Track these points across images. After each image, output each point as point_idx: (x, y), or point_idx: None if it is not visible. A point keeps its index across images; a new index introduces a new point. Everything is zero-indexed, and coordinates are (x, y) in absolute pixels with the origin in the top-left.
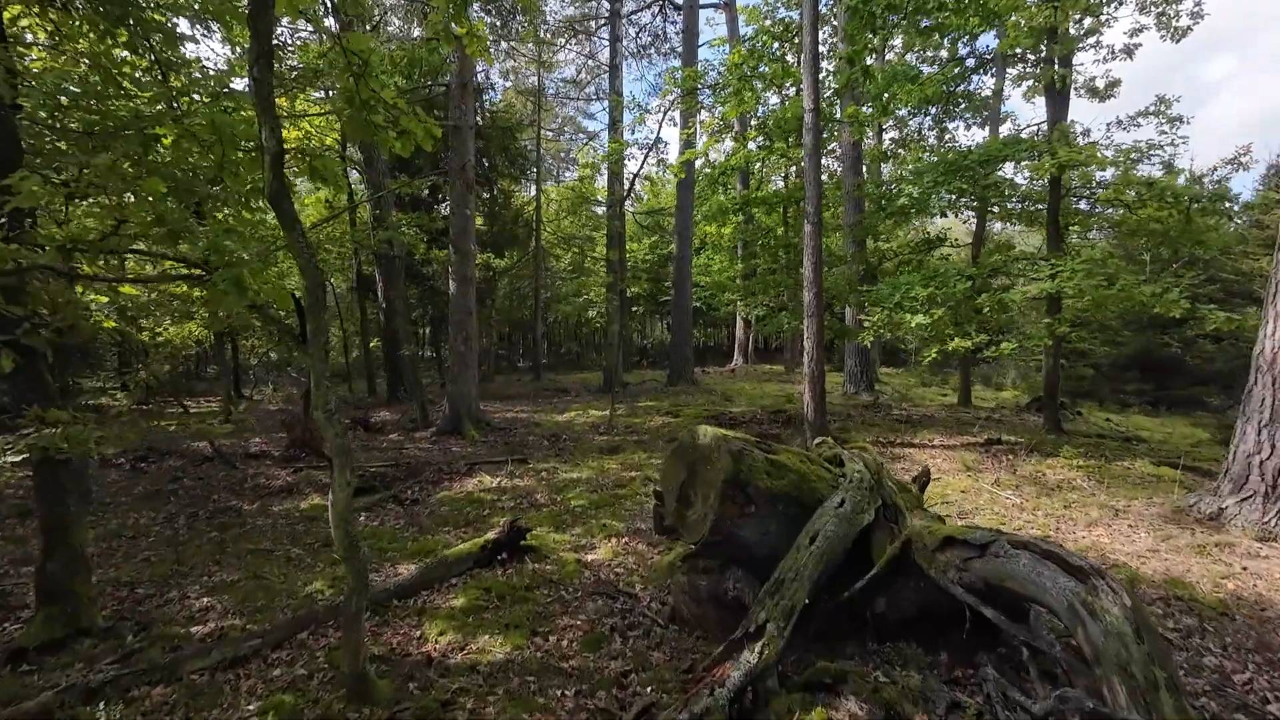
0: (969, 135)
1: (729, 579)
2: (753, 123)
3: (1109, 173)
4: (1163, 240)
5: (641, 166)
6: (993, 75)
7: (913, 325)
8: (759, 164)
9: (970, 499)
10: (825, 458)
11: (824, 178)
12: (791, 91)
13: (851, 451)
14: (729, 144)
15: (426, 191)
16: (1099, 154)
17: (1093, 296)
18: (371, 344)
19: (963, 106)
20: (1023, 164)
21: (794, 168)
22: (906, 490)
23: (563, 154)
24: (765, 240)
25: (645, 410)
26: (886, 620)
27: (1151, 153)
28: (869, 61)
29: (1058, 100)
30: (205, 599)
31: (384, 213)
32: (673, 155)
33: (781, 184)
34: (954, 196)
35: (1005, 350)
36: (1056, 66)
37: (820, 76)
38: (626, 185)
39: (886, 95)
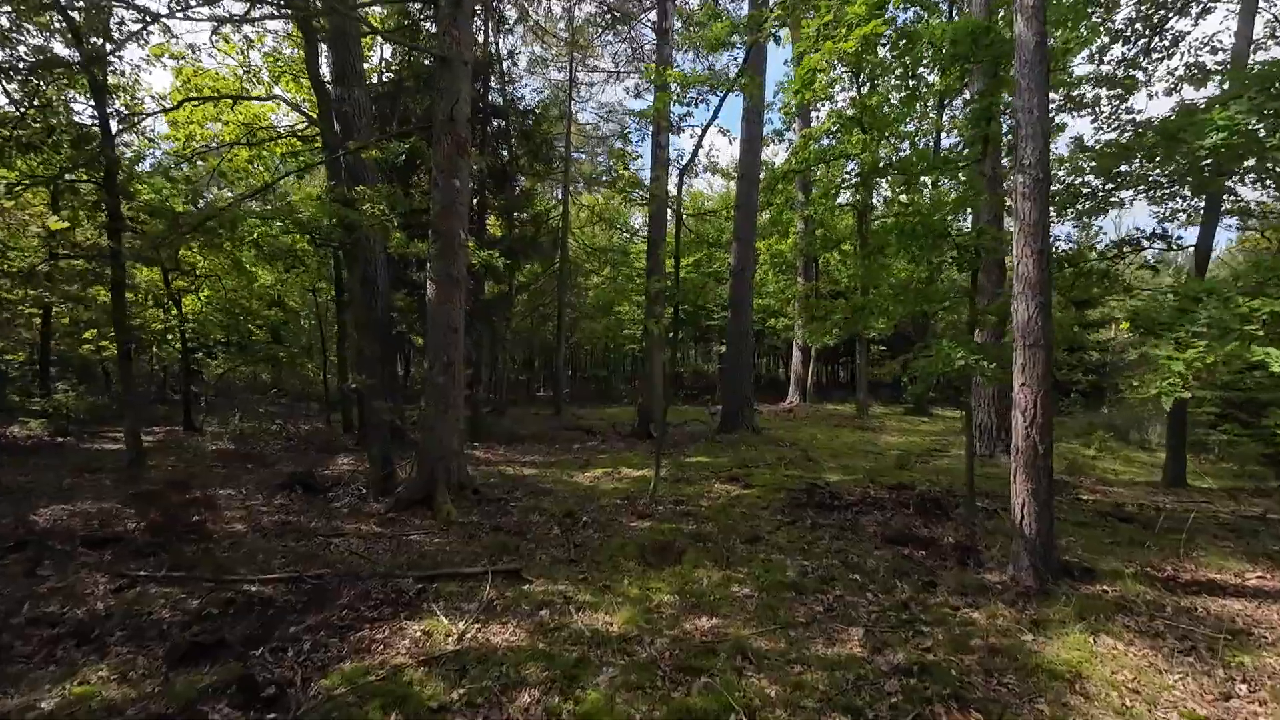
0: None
1: None
2: (820, 111)
3: None
4: None
5: (714, 118)
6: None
7: (1276, 367)
8: (824, 164)
9: None
10: None
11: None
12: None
13: None
14: (789, 139)
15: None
16: None
17: None
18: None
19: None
20: None
21: (855, 170)
22: None
23: (595, 174)
24: (912, 225)
25: (696, 470)
26: None
27: None
28: None
29: None
30: None
31: (338, 186)
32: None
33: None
34: None
35: None
36: None
37: None
38: (689, 150)
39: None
